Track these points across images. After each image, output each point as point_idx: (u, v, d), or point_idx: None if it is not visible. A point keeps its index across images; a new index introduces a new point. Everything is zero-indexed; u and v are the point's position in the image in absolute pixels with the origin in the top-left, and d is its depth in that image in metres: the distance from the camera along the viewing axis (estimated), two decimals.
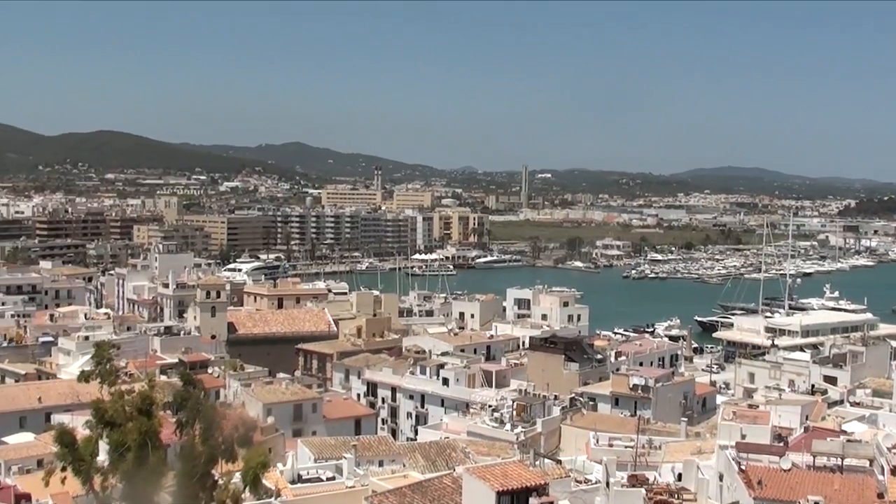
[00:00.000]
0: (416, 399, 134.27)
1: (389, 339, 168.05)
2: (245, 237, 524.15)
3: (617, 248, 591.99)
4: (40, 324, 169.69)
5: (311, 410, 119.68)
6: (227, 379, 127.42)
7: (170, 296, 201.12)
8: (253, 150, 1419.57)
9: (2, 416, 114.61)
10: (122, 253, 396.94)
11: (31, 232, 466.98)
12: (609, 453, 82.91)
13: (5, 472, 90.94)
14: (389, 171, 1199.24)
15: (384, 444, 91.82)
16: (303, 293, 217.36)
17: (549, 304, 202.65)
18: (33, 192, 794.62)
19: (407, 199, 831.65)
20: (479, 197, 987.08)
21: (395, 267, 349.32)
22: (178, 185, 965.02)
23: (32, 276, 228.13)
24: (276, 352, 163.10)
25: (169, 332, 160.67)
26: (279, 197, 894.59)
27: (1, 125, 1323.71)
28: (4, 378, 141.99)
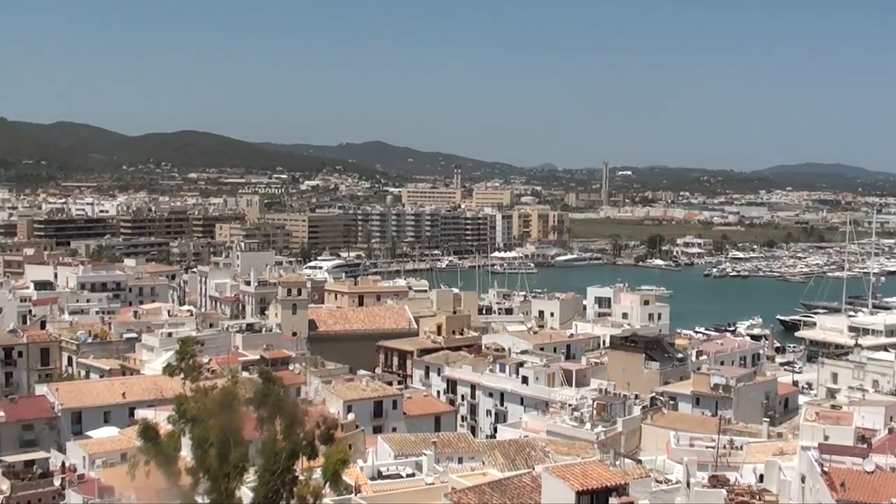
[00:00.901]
0: (496, 397, 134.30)
1: (469, 336, 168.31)
2: (326, 235, 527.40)
3: (698, 246, 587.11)
4: (124, 320, 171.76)
5: (392, 407, 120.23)
6: (308, 376, 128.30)
7: (252, 293, 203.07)
8: (334, 150, 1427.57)
9: (87, 411, 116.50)
10: (205, 251, 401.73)
11: (116, 230, 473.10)
12: (690, 453, 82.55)
13: (90, 465, 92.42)
14: (469, 170, 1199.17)
15: (464, 442, 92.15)
16: (383, 291, 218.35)
17: (629, 302, 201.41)
18: (118, 192, 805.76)
19: (486, 197, 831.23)
20: (559, 194, 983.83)
21: (474, 265, 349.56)
22: (259, 184, 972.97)
23: (117, 274, 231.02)
24: (356, 349, 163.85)
25: (251, 329, 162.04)
26: (360, 195, 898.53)
27: (86, 126, 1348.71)
28: (89, 373, 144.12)
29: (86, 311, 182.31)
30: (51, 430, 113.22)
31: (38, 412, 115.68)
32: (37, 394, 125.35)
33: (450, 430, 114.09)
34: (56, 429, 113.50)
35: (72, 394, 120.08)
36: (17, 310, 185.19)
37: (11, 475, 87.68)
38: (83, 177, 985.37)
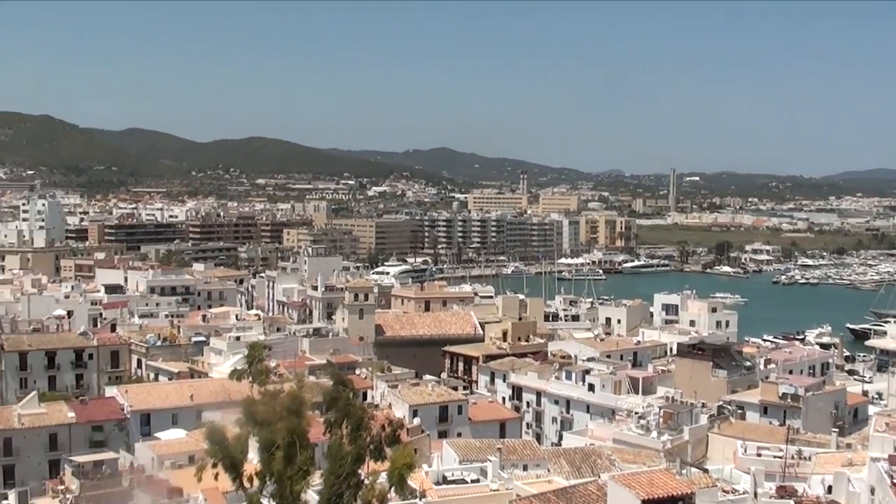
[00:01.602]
0: (562, 404, 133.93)
1: (535, 343, 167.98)
2: (392, 241, 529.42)
3: (766, 253, 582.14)
4: (193, 324, 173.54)
5: (457, 412, 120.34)
6: (374, 380, 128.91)
7: (319, 298, 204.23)
8: (400, 156, 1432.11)
9: (155, 413, 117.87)
10: (273, 256, 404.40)
11: (185, 235, 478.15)
12: (757, 463, 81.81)
13: (158, 466, 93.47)
14: (535, 175, 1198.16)
15: (529, 449, 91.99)
16: (449, 296, 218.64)
17: (697, 309, 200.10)
18: (187, 197, 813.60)
19: (553, 202, 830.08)
20: (626, 200, 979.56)
21: (540, 271, 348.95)
22: (327, 190, 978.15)
23: (186, 278, 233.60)
24: (422, 354, 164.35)
25: (318, 334, 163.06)
26: (426, 201, 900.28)
27: (156, 133, 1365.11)
28: (158, 376, 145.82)
29: (155, 315, 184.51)
30: (120, 432, 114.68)
31: (107, 413, 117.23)
32: (107, 395, 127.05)
33: (515, 437, 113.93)
34: (125, 430, 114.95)
35: (141, 396, 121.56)
36: (88, 313, 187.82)
37: (81, 475, 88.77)
38: (153, 182, 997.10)
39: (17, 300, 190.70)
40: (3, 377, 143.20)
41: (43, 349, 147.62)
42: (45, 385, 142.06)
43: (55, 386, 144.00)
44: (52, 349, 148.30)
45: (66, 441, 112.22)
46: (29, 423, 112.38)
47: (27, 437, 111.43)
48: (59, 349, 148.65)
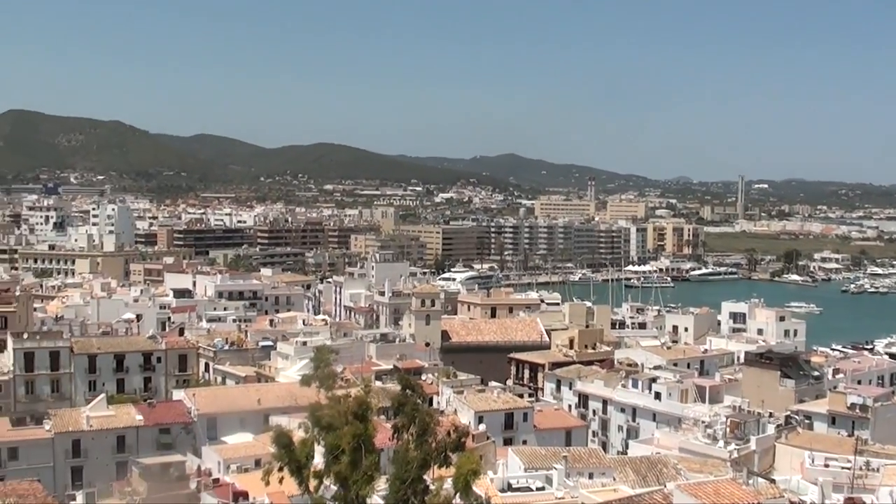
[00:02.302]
0: (628, 412, 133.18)
1: (601, 350, 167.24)
2: (459, 247, 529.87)
3: (835, 262, 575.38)
4: (260, 328, 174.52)
5: (522, 419, 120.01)
6: (440, 386, 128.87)
7: (386, 303, 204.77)
8: (468, 162, 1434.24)
9: (223, 417, 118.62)
10: (340, 261, 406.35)
11: (253, 240, 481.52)
12: (825, 474, 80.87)
13: (225, 469, 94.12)
14: (603, 182, 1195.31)
15: (595, 457, 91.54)
16: (516, 303, 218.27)
17: (765, 318, 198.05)
18: (255, 203, 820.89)
19: (620, 209, 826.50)
20: (694, 207, 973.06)
21: (608, 278, 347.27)
22: (394, 196, 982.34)
23: (254, 283, 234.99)
24: (488, 360, 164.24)
25: (384, 339, 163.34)
26: (493, 208, 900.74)
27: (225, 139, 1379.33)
28: (226, 380, 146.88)
29: (223, 319, 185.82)
30: (187, 435, 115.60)
31: (175, 416, 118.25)
32: (174, 399, 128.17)
33: (580, 445, 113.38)
34: (192, 433, 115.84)
35: (208, 399, 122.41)
36: (157, 317, 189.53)
37: (148, 477, 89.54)
38: (222, 188, 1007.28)
39: (86, 304, 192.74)
40: (72, 379, 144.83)
41: (112, 352, 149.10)
42: (113, 388, 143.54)
43: (124, 389, 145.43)
44: (120, 352, 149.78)
45: (133, 443, 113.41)
46: (97, 426, 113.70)
47: (95, 439, 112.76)
48: (127, 352, 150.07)
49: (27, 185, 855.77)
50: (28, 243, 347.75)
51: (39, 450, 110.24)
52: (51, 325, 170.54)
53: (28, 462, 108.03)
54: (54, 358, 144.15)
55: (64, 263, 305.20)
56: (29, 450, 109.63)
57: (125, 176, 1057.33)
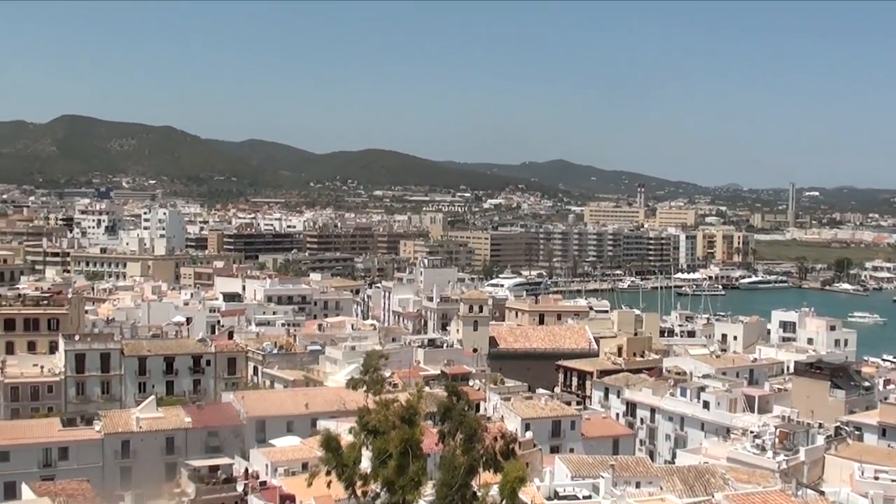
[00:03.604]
0: (676, 421, 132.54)
1: (650, 358, 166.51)
2: (508, 253, 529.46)
3: (887, 270, 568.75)
4: (309, 333, 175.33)
5: (570, 427, 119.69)
6: (487, 392, 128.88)
7: (434, 309, 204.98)
8: (517, 168, 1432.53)
9: (271, 420, 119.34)
10: (389, 266, 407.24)
11: (303, 245, 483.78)
12: (875, 487, 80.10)
13: (272, 472, 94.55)
14: (652, 189, 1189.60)
15: (642, 466, 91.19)
16: (564, 310, 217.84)
17: (815, 327, 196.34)
18: (305, 208, 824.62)
19: (670, 216, 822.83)
20: (744, 215, 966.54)
21: (657, 286, 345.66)
22: (443, 202, 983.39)
23: (303, 288, 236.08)
24: (536, 367, 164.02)
25: (432, 345, 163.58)
26: (542, 214, 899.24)
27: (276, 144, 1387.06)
28: (274, 384, 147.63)
29: (272, 323, 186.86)
30: (235, 438, 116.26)
31: (223, 419, 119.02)
32: (223, 401, 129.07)
33: (628, 454, 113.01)
34: (240, 436, 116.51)
35: (257, 402, 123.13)
36: (207, 320, 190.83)
37: (197, 479, 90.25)
38: (272, 193, 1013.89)
39: (137, 306, 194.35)
40: (122, 381, 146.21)
41: (162, 355, 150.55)
42: (163, 390, 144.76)
43: (173, 391, 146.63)
44: (170, 355, 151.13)
45: (182, 445, 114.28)
46: (147, 427, 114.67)
47: (145, 441, 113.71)
48: (177, 355, 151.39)
49: (80, 189, 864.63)
50: (80, 246, 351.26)
51: (89, 450, 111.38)
52: (102, 327, 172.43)
53: (78, 462, 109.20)
54: (105, 360, 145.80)
55: (115, 266, 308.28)
56: (79, 450, 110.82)
57: (176, 181, 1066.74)
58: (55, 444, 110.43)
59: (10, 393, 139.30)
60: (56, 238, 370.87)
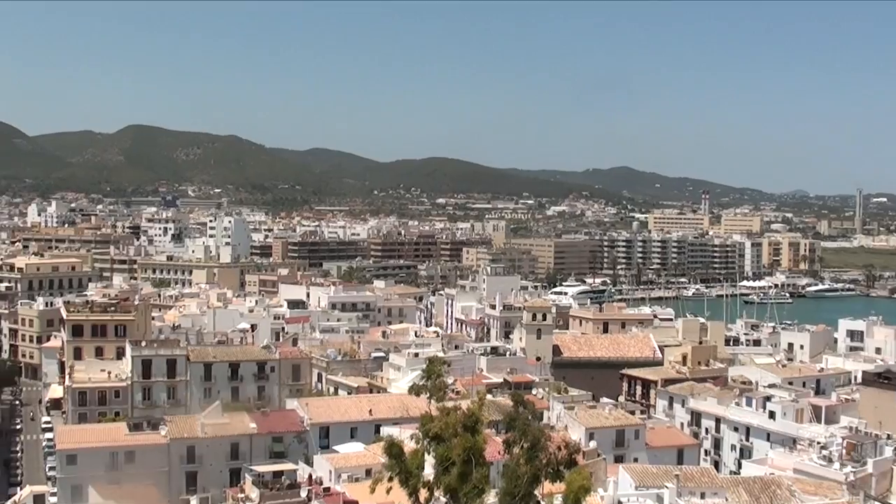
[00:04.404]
0: (741, 431, 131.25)
1: (715, 367, 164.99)
2: (571, 261, 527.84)
3: None
4: (373, 340, 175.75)
5: (634, 437, 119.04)
6: (550, 401, 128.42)
7: (497, 317, 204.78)
8: (580, 175, 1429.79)
9: (334, 426, 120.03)
10: (452, 274, 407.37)
11: (366, 253, 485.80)
12: None
13: (335, 478, 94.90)
14: (717, 195, 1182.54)
15: (707, 476, 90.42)
16: (628, 318, 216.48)
17: (883, 336, 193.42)
18: (369, 216, 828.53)
19: (735, 223, 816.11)
20: (811, 222, 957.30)
21: (722, 293, 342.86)
22: (506, 210, 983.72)
23: (366, 295, 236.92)
24: (600, 376, 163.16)
25: (495, 353, 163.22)
26: (606, 221, 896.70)
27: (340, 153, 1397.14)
28: (338, 390, 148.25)
29: (336, 330, 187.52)
30: (299, 443, 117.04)
31: (288, 425, 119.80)
32: (287, 408, 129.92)
33: (693, 464, 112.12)
34: (304, 442, 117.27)
35: (320, 409, 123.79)
36: (271, 327, 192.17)
37: (261, 485, 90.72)
38: (336, 201, 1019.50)
39: (203, 313, 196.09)
40: (188, 387, 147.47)
41: (227, 361, 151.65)
42: (228, 396, 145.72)
43: (238, 397, 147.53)
44: (235, 361, 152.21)
45: (247, 451, 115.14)
46: (212, 433, 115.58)
47: (210, 446, 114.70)
48: (242, 361, 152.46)
49: (146, 198, 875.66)
50: (147, 254, 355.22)
51: (155, 455, 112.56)
52: (168, 333, 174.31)
53: (144, 466, 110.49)
54: (171, 366, 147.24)
55: (181, 274, 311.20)
56: (145, 454, 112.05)
57: (241, 189, 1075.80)
58: (122, 449, 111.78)
59: (77, 397, 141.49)
60: (123, 246, 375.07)
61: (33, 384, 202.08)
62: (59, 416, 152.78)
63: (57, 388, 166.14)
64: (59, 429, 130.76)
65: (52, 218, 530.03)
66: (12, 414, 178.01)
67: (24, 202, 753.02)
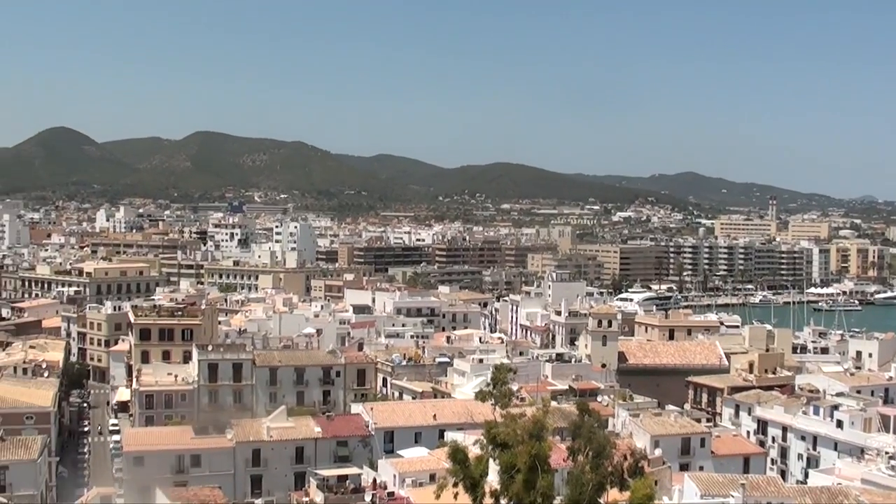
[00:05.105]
0: (808, 440, 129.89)
1: (782, 375, 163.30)
2: (637, 267, 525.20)
3: None
4: (437, 345, 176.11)
5: (699, 445, 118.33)
6: (616, 408, 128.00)
7: (562, 323, 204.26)
8: (646, 181, 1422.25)
9: (399, 431, 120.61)
10: (517, 280, 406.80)
11: (431, 258, 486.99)
12: None
13: (400, 483, 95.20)
14: (784, 201, 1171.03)
15: (773, 486, 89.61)
16: (694, 325, 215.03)
17: None
18: (433, 221, 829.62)
19: (802, 229, 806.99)
20: (879, 228, 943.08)
21: (789, 301, 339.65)
22: (571, 215, 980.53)
23: (431, 300, 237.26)
24: (665, 383, 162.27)
25: (560, 359, 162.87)
26: (672, 227, 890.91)
27: (405, 159, 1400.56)
28: (402, 395, 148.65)
29: (401, 335, 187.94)
30: (364, 448, 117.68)
31: (353, 430, 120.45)
32: (352, 412, 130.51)
33: (758, 473, 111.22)
34: (369, 446, 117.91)
35: (385, 413, 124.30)
36: (337, 331, 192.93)
37: (325, 488, 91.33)
38: (401, 207, 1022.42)
39: (269, 318, 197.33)
40: (254, 391, 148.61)
41: (292, 365, 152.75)
42: (293, 400, 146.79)
43: (303, 401, 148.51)
44: (301, 366, 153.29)
45: (311, 455, 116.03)
46: (277, 436, 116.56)
47: (275, 450, 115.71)
48: (307, 366, 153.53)
49: (213, 204, 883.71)
50: (213, 259, 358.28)
51: (221, 458, 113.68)
52: (234, 337, 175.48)
53: (210, 469, 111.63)
54: (237, 370, 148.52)
55: (247, 279, 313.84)
56: (211, 457, 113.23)
57: (307, 195, 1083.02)
58: (188, 452, 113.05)
59: (144, 400, 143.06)
60: (190, 251, 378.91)
61: (101, 387, 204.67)
62: (125, 419, 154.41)
63: (124, 391, 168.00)
64: (126, 431, 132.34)
65: (121, 223, 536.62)
66: (80, 416, 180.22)
67: (93, 208, 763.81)
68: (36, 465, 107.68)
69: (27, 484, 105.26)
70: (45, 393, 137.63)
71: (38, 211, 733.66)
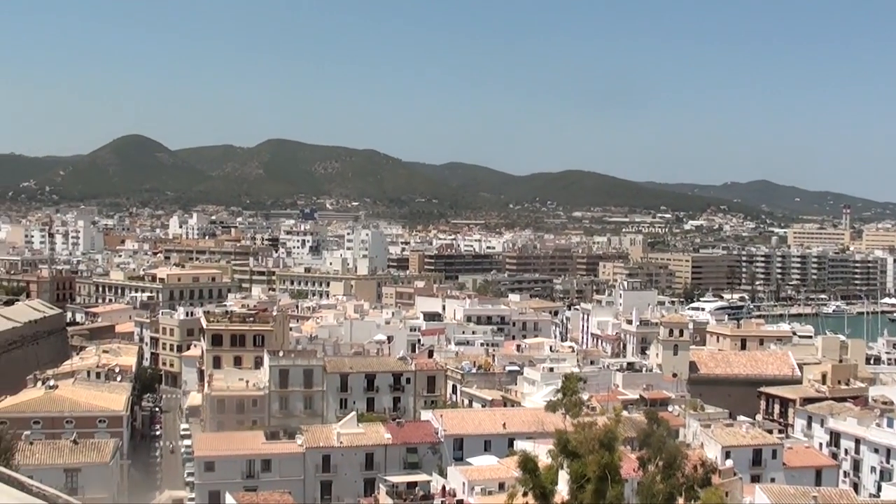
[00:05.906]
0: (882, 453, 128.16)
1: (855, 387, 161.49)
2: (709, 276, 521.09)
3: None
4: (507, 353, 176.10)
5: (771, 456, 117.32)
6: (687, 418, 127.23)
7: (633, 332, 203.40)
8: (718, 189, 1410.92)
9: (468, 439, 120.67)
10: (588, 288, 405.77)
11: (501, 266, 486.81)
12: None
13: (469, 491, 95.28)
14: (859, 210, 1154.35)
15: (846, 498, 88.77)
16: (766, 335, 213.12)
17: None
18: (504, 229, 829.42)
19: (877, 239, 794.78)
20: None
21: (863, 311, 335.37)
22: (643, 223, 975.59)
23: (501, 308, 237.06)
24: (737, 393, 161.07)
25: (631, 369, 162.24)
26: (744, 236, 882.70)
27: (476, 166, 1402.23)
28: (472, 403, 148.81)
29: (471, 343, 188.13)
30: (433, 455, 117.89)
31: (422, 436, 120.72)
32: (422, 419, 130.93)
33: (831, 485, 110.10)
34: (438, 453, 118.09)
35: (455, 421, 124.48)
36: (408, 338, 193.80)
37: (395, 495, 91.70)
38: (472, 214, 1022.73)
39: (340, 324, 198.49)
40: (324, 397, 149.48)
41: (363, 372, 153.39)
42: (363, 406, 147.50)
43: (373, 407, 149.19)
44: (371, 372, 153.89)
45: (381, 461, 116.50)
46: (347, 442, 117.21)
47: (345, 456, 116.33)
48: (378, 372, 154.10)
49: (285, 211, 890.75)
50: (285, 266, 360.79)
51: (291, 463, 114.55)
52: (305, 344, 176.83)
53: (280, 474, 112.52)
54: (308, 375, 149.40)
55: (319, 285, 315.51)
56: (281, 463, 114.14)
57: (378, 202, 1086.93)
58: (258, 457, 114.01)
59: (216, 405, 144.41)
60: (262, 258, 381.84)
61: (173, 391, 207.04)
62: (197, 424, 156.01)
63: (196, 395, 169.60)
64: (197, 436, 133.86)
65: (193, 230, 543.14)
66: (152, 420, 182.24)
67: (166, 214, 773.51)
68: (108, 468, 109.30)
69: (99, 487, 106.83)
70: (117, 397, 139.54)
71: (113, 217, 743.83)
